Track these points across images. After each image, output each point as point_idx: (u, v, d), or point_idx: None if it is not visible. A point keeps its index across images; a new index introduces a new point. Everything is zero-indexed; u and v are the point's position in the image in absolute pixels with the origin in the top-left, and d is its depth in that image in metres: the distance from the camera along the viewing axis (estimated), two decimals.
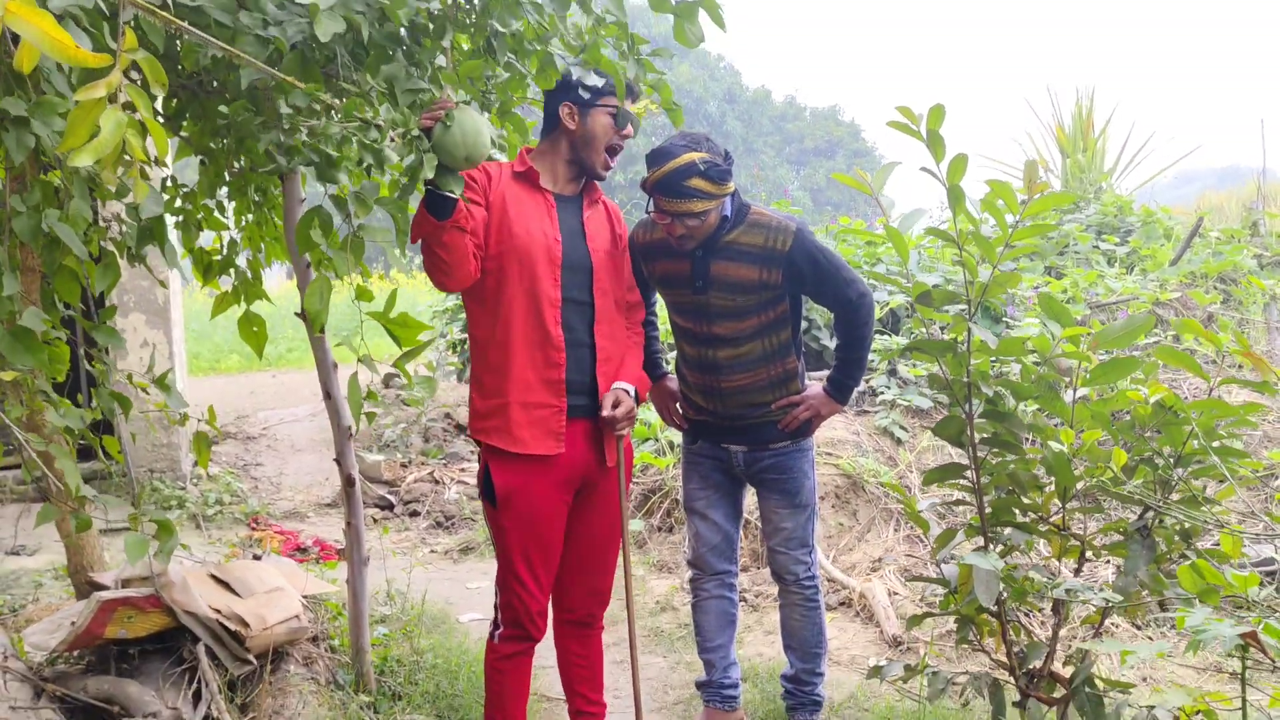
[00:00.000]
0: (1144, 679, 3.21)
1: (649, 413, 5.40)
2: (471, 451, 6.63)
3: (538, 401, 2.50)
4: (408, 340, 2.39)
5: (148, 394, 2.47)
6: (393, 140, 2.14)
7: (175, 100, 2.59)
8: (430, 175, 2.11)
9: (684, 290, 2.80)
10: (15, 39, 1.33)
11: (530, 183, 2.54)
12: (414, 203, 2.35)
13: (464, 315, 2.61)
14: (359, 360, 2.31)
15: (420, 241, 2.35)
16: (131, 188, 1.43)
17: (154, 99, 1.48)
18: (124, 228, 2.26)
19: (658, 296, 3.08)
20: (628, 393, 2.58)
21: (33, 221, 1.92)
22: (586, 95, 2.50)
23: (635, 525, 4.87)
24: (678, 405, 3.02)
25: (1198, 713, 1.87)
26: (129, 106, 1.33)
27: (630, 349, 2.70)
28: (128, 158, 1.37)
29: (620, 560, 2.75)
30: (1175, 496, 2.26)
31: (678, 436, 3.16)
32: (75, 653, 2.80)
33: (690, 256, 2.76)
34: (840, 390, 2.87)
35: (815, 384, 2.93)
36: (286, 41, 2.04)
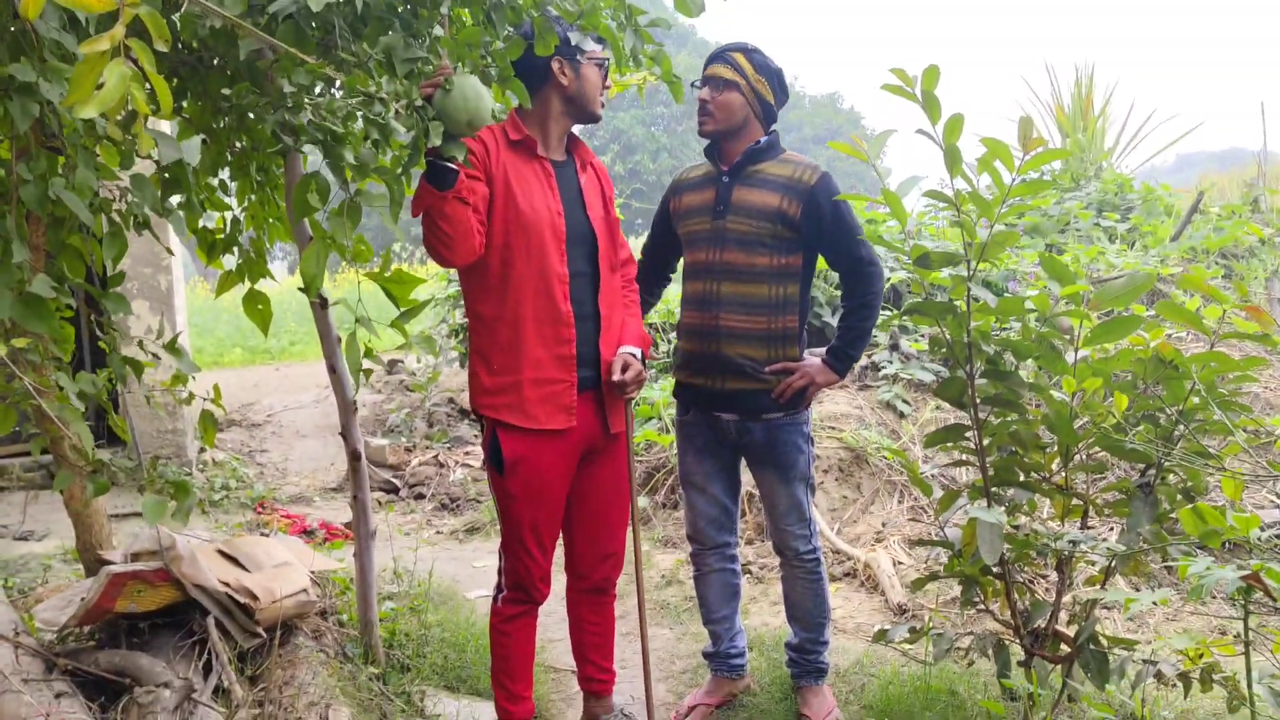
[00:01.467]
0: (1148, 643, 3.22)
1: (651, 391, 5.41)
2: (475, 435, 6.64)
3: (549, 378, 2.50)
4: (404, 298, 2.39)
5: (157, 359, 2.48)
6: (397, 113, 2.13)
7: (176, 79, 2.59)
8: (438, 143, 2.11)
9: (704, 218, 2.85)
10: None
11: (527, 151, 2.52)
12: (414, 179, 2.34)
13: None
14: (356, 320, 2.31)
15: (422, 215, 2.32)
16: (136, 141, 1.44)
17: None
18: (131, 198, 2.26)
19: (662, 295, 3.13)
20: (634, 355, 2.59)
21: (39, 190, 1.92)
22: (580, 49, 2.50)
23: (640, 502, 4.88)
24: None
25: (1200, 656, 1.88)
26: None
27: (629, 308, 2.72)
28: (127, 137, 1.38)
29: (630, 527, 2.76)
30: (1178, 450, 2.27)
31: None
32: (85, 628, 2.82)
33: (716, 184, 2.84)
34: (840, 360, 2.83)
35: (814, 357, 2.91)
36: (278, 13, 2.04)
